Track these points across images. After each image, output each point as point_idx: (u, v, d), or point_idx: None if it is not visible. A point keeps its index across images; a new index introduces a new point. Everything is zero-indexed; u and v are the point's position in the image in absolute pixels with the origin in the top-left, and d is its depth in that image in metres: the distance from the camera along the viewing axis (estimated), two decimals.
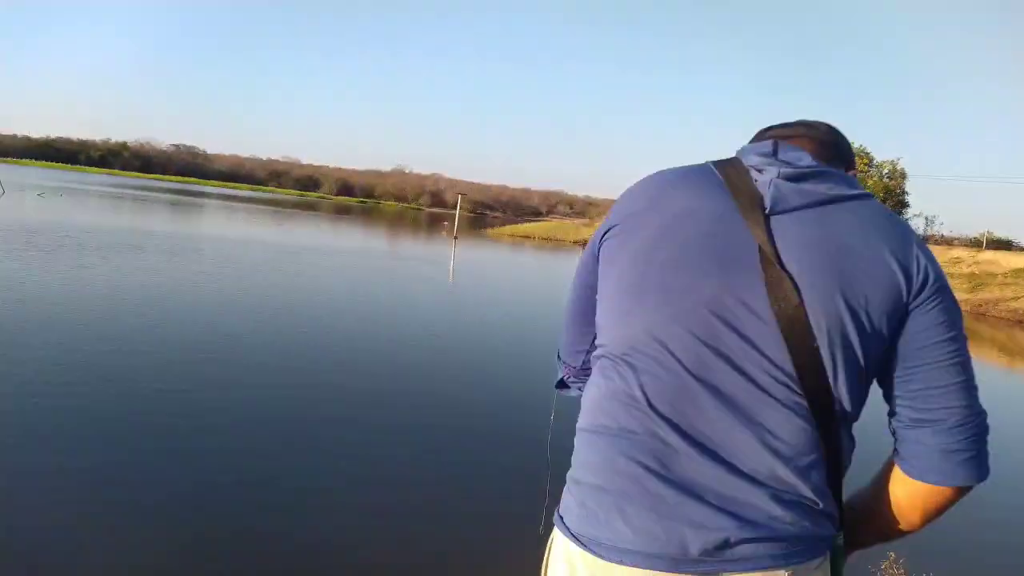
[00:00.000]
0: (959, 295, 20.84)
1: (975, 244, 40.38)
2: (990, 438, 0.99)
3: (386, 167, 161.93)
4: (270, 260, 16.39)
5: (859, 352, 0.95)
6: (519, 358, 9.10)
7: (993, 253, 31.87)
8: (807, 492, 0.94)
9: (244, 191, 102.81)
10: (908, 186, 40.08)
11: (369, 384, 6.71)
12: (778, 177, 0.98)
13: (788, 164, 1.00)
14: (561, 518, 1.03)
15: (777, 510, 0.92)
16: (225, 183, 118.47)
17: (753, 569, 0.91)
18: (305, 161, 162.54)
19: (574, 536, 0.98)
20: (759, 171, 1.01)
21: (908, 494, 1.01)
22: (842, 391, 0.95)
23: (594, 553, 0.95)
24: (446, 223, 50.81)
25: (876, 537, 1.09)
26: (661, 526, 0.91)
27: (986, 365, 13.43)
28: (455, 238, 35.48)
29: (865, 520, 1.07)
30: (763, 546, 0.91)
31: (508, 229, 51.31)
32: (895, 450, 1.03)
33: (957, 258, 31.79)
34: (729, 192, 1.00)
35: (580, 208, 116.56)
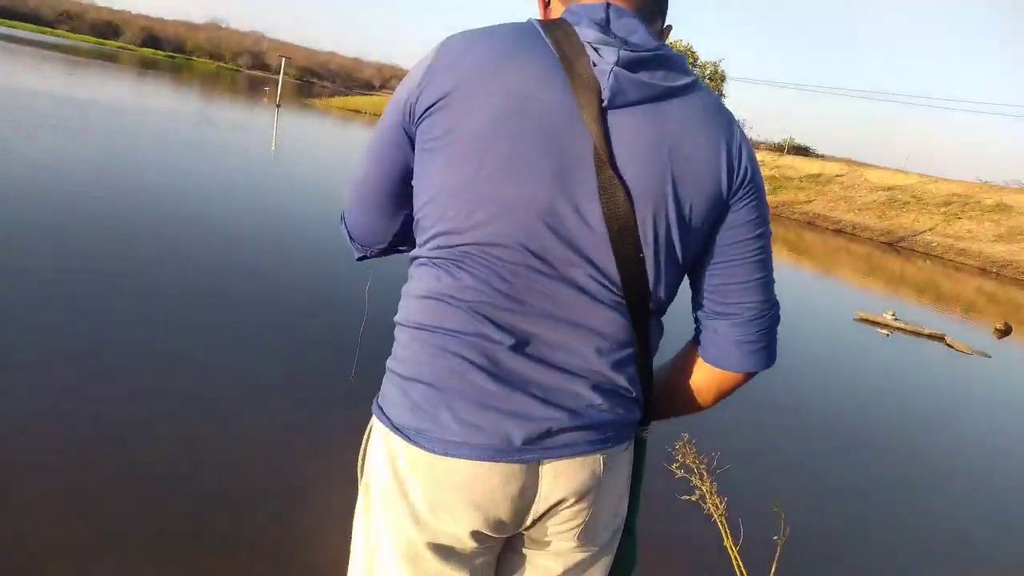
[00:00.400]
0: None
1: (778, 149, 43.79)
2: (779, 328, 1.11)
3: (200, 19, 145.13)
4: (57, 115, 14.24)
5: (680, 255, 1.00)
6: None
7: (792, 158, 34.72)
8: (623, 382, 1.00)
9: (26, 31, 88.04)
10: (725, 88, 42.25)
11: (172, 261, 6.03)
12: (618, 64, 0.92)
13: (626, 44, 0.94)
14: (381, 408, 1.01)
15: (596, 399, 0.98)
16: (2, 20, 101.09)
17: (572, 455, 0.98)
18: (102, 3, 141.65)
19: (396, 428, 0.98)
20: (596, 50, 0.93)
21: (703, 377, 1.12)
22: (660, 291, 1.01)
23: (418, 445, 0.95)
24: (268, 88, 47.14)
25: (672, 411, 1.18)
26: (487, 419, 0.93)
27: (776, 262, 14.74)
28: (278, 105, 32.90)
29: (664, 396, 1.15)
30: (582, 433, 0.97)
31: (337, 101, 48.50)
32: (695, 337, 1.13)
33: (761, 161, 34.15)
34: (567, 77, 0.92)
35: None
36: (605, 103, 0.92)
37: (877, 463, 4.91)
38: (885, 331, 9.62)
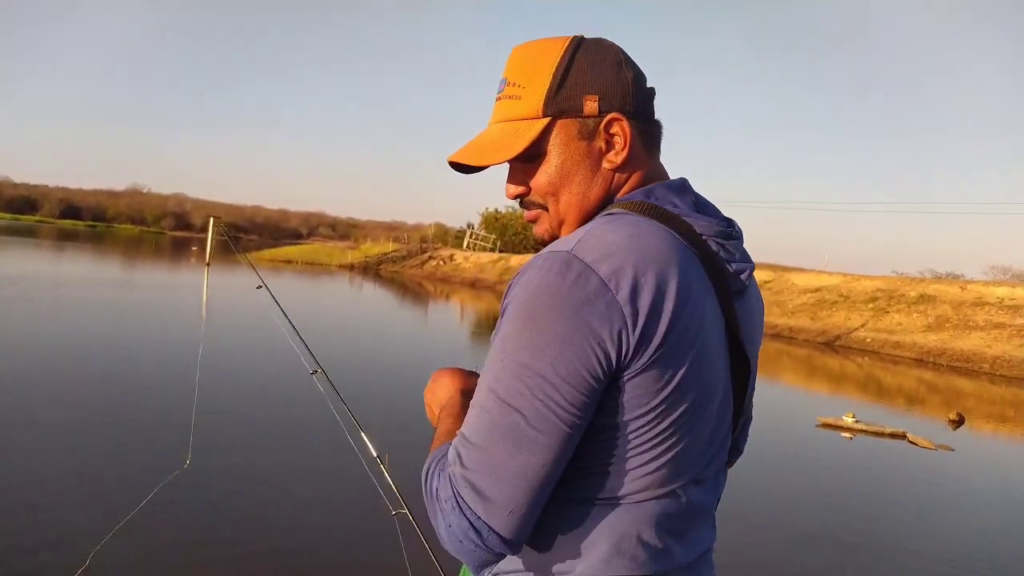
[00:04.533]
0: None
1: None
2: None
3: (119, 186, 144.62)
4: None
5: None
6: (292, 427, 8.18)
7: None
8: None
9: None
10: None
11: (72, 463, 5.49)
12: (749, 275, 0.96)
13: (737, 238, 0.94)
14: None
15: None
16: None
17: None
18: (18, 180, 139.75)
19: None
20: (726, 249, 0.92)
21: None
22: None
23: None
24: (195, 248, 46.84)
25: None
26: None
27: None
28: (207, 264, 32.44)
29: None
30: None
31: (267, 253, 48.17)
32: None
33: None
34: (713, 290, 0.89)
35: (344, 230, 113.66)
36: (740, 296, 0.97)
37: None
38: (848, 434, 9.65)
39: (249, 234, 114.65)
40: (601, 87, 0.91)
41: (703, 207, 0.96)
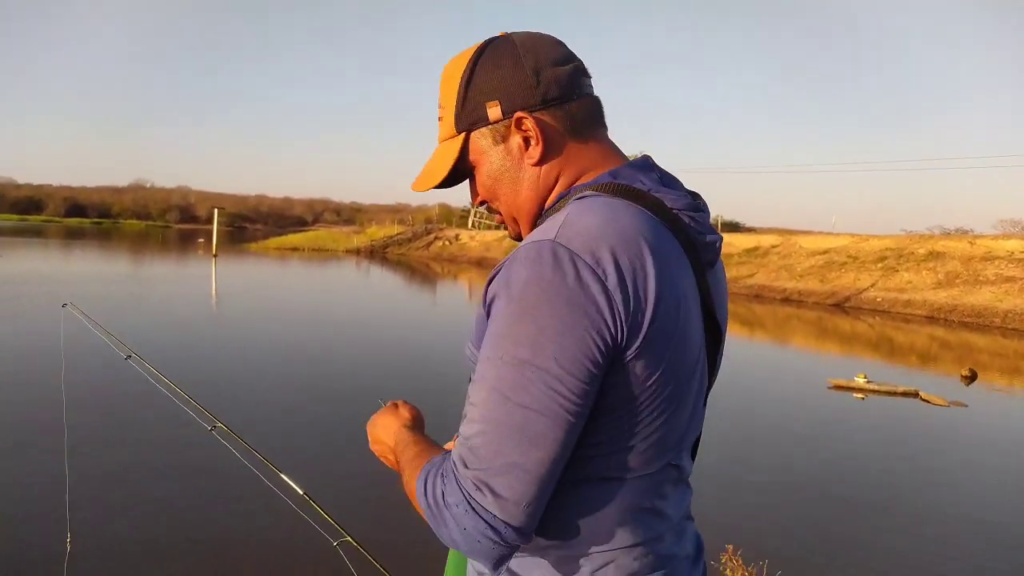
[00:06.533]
0: None
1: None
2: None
3: (123, 182, 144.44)
4: None
5: None
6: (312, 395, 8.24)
7: (728, 235, 35.71)
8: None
9: None
10: None
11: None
12: (719, 245, 0.97)
13: (704, 210, 0.96)
14: None
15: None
16: None
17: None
18: (22, 180, 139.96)
19: None
20: (696, 222, 0.93)
21: None
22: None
23: None
24: (202, 240, 47.05)
25: None
26: None
27: (737, 338, 14.83)
28: (215, 256, 32.64)
29: None
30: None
31: (273, 242, 48.28)
32: None
33: None
34: (688, 264, 0.91)
35: (348, 215, 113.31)
36: (711, 267, 0.97)
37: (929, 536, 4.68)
38: (860, 395, 9.67)
39: (255, 223, 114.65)
40: (501, 90, 0.94)
41: (669, 182, 0.97)
